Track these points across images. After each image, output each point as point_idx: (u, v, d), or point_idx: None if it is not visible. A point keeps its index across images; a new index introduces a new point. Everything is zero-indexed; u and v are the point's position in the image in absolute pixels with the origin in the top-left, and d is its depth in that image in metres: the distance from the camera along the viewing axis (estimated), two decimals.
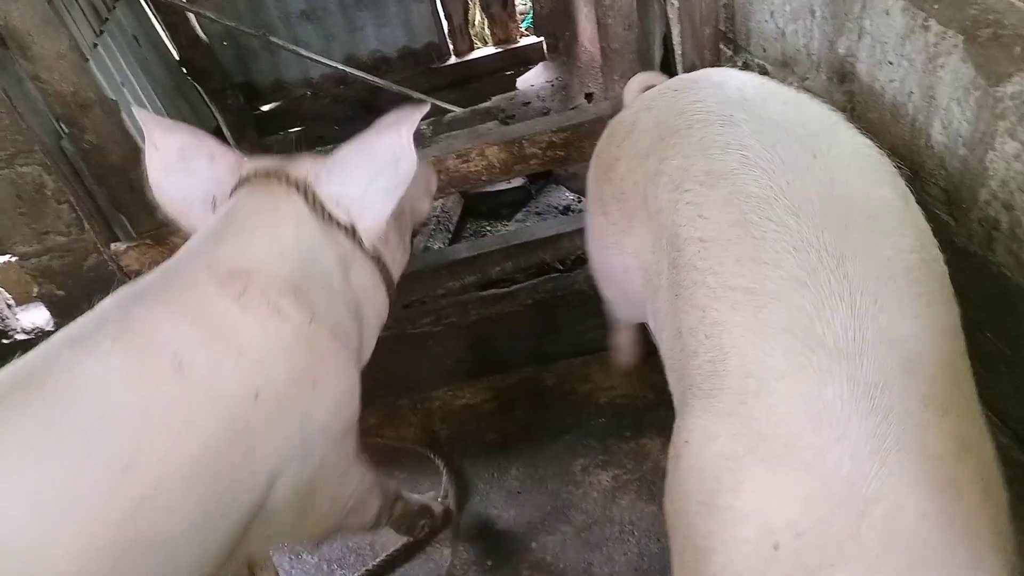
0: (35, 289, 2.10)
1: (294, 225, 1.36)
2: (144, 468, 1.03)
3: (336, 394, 1.33)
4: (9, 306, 2.89)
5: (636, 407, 2.26)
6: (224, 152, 1.47)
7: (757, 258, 1.04)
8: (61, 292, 2.05)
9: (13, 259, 2.10)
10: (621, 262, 1.46)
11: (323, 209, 1.39)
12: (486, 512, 2.08)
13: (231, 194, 1.43)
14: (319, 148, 2.93)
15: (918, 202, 1.13)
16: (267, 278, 1.26)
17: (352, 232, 1.42)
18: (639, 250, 1.35)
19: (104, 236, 1.99)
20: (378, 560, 1.98)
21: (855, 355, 0.93)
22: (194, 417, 1.10)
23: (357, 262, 1.44)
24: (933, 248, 1.09)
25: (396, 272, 1.57)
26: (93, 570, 0.98)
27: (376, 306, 1.52)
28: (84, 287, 2.01)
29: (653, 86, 1.52)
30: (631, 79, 1.68)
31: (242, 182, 1.42)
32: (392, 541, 2.03)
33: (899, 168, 1.16)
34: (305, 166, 1.43)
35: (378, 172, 1.39)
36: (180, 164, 1.44)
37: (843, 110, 1.56)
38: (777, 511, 0.90)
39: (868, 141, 1.16)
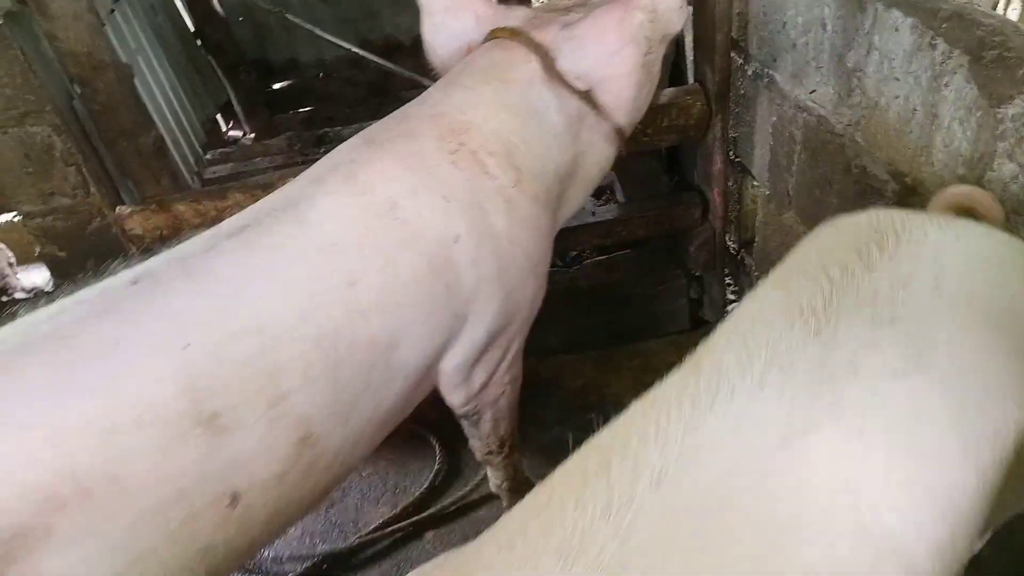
0: (37, 249, 2.12)
1: (523, 88, 1.43)
2: (363, 286, 1.21)
3: (530, 253, 1.42)
4: (11, 264, 2.91)
5: (626, 406, 2.27)
6: (487, 11, 1.55)
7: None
8: (63, 254, 2.06)
9: (17, 218, 2.12)
10: None
11: (560, 78, 1.44)
12: (471, 499, 2.11)
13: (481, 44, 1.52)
14: (327, 129, 2.95)
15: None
16: (483, 137, 1.37)
17: (588, 97, 1.46)
18: None
19: (109, 199, 2.00)
20: (359, 535, 2.01)
21: None
22: (402, 250, 1.26)
23: (589, 123, 1.49)
24: None
25: (636, 117, 1.59)
26: (333, 359, 1.16)
27: (598, 158, 1.57)
28: (86, 250, 2.03)
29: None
30: (944, 191, 1.17)
31: (491, 35, 1.49)
32: (374, 519, 2.05)
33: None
34: (551, 32, 1.46)
35: (612, 54, 1.42)
36: (445, 25, 1.56)
37: (848, 125, 1.59)
38: None
39: None
